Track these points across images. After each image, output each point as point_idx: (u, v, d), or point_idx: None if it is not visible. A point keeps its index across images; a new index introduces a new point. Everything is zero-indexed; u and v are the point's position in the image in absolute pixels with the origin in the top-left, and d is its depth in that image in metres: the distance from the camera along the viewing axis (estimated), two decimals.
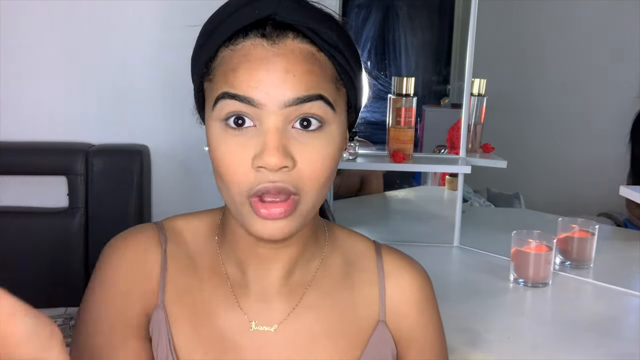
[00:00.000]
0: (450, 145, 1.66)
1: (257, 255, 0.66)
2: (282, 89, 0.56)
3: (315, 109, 0.57)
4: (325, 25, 0.59)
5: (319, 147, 0.58)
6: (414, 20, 2.06)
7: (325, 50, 0.59)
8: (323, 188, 0.60)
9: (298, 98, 0.56)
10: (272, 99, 0.56)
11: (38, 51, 1.59)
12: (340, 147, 0.61)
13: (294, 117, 0.57)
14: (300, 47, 0.58)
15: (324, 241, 0.72)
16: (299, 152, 0.57)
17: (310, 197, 0.59)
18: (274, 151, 0.55)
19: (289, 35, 0.58)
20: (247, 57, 0.57)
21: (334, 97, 0.59)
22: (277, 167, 0.55)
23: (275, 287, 0.67)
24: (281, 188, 0.56)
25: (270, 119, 0.56)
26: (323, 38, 0.58)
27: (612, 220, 1.88)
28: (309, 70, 0.57)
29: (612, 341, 1.02)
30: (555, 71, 2.18)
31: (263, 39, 0.57)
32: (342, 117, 0.62)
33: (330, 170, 0.60)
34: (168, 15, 1.56)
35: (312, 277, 0.69)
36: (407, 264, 0.73)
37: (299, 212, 0.59)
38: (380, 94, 1.86)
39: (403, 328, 0.71)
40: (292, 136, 0.57)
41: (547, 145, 2.17)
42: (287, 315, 0.67)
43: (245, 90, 0.56)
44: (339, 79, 0.61)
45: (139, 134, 1.64)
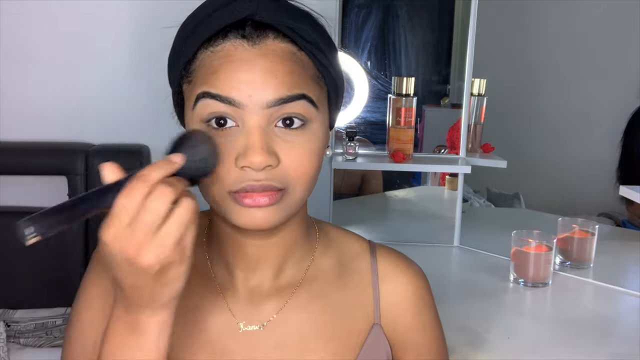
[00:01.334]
0: (450, 145, 1.66)
1: (245, 255, 0.65)
2: (265, 90, 0.56)
3: (298, 108, 0.57)
4: (304, 24, 0.59)
5: (303, 144, 0.58)
6: (414, 20, 2.06)
7: (306, 50, 0.59)
8: (310, 183, 0.60)
9: (281, 99, 0.56)
10: (255, 100, 0.55)
11: (38, 51, 1.59)
12: (323, 143, 0.61)
13: (277, 117, 0.57)
14: (281, 47, 0.57)
15: (315, 240, 0.71)
16: (283, 150, 0.57)
17: (297, 191, 0.59)
18: (259, 150, 0.55)
19: (269, 36, 0.57)
20: (228, 59, 0.56)
21: (316, 96, 0.59)
22: (262, 166, 0.55)
23: (264, 288, 0.67)
24: (266, 186, 0.56)
25: (253, 119, 0.56)
26: (303, 37, 0.58)
27: (612, 220, 1.88)
28: (291, 71, 0.57)
29: (612, 341, 1.02)
30: (555, 71, 2.18)
31: (243, 39, 0.57)
32: (324, 114, 0.62)
33: (315, 166, 0.60)
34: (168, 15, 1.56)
35: (303, 278, 0.68)
36: (402, 265, 0.72)
37: (285, 204, 0.59)
38: (380, 94, 1.86)
39: (398, 331, 0.70)
40: (275, 135, 0.57)
41: (547, 145, 2.17)
42: (275, 316, 0.67)
43: (227, 92, 0.56)
44: (321, 76, 0.61)
45: (139, 134, 1.63)
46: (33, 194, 1.60)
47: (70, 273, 1.47)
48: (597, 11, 2.11)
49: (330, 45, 0.62)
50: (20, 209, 1.56)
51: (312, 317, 0.67)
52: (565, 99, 2.18)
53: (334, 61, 0.62)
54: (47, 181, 1.59)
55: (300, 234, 0.67)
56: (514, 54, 2.12)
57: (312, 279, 0.69)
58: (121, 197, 0.47)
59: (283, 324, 0.67)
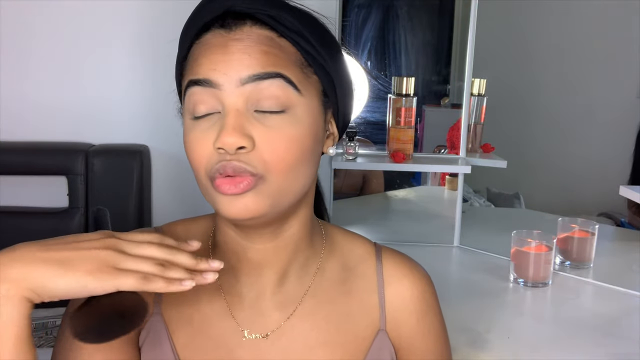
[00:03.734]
0: (450, 145, 1.66)
1: (249, 261, 0.65)
2: (238, 68, 0.56)
3: (275, 88, 0.57)
4: (285, 12, 0.59)
5: (281, 129, 0.57)
6: (414, 20, 2.06)
7: (287, 36, 0.59)
8: (291, 171, 0.58)
9: (254, 75, 0.56)
10: (229, 77, 0.56)
11: (38, 51, 1.59)
12: (311, 132, 0.59)
13: (255, 101, 0.57)
14: (257, 32, 0.58)
15: (321, 246, 0.70)
16: (260, 134, 0.56)
17: (276, 178, 0.57)
18: (231, 131, 0.55)
19: (247, 23, 0.58)
20: (207, 46, 0.58)
21: (298, 80, 0.58)
22: (234, 146, 0.55)
23: (269, 295, 0.66)
24: (237, 167, 0.56)
25: (230, 100, 0.56)
26: (283, 24, 0.59)
27: (612, 220, 1.88)
28: (266, 51, 0.57)
29: (612, 341, 1.02)
30: (555, 71, 2.18)
31: (222, 29, 0.58)
32: (312, 102, 0.60)
33: (298, 154, 0.58)
34: (168, 15, 1.56)
35: (309, 286, 0.68)
36: (407, 269, 0.71)
37: (264, 192, 0.57)
38: (380, 94, 1.86)
39: (403, 336, 0.70)
40: (254, 118, 0.57)
41: (547, 145, 2.17)
42: (281, 325, 0.66)
43: (205, 74, 0.57)
44: (307, 64, 0.60)
45: (139, 134, 1.64)
46: (33, 194, 1.60)
47: None
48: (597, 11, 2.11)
49: (320, 36, 0.61)
50: (20, 209, 1.57)
51: (317, 325, 0.67)
52: (565, 99, 2.18)
53: (326, 53, 0.61)
54: (47, 181, 1.59)
55: (303, 237, 0.66)
56: (514, 54, 2.12)
57: (317, 286, 0.68)
58: None
59: (288, 332, 0.66)
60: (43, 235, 0.54)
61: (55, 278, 0.50)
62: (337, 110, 0.65)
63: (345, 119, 0.68)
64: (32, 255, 0.50)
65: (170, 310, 0.66)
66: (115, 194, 1.55)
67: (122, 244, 0.54)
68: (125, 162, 1.56)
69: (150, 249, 0.55)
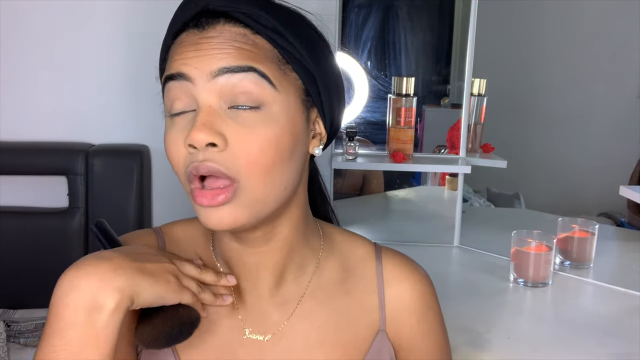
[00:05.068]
0: (450, 145, 1.66)
1: (244, 264, 0.65)
2: (209, 62, 0.56)
3: (247, 82, 0.56)
4: (261, 9, 0.58)
5: (256, 128, 0.55)
6: (414, 21, 2.06)
7: (262, 33, 0.58)
8: (269, 175, 0.56)
9: (226, 67, 0.55)
10: (200, 71, 0.56)
11: (37, 51, 1.59)
12: (289, 131, 0.58)
13: (228, 96, 0.56)
14: (230, 30, 0.57)
15: (319, 246, 0.69)
16: (233, 132, 0.55)
17: (252, 184, 0.56)
18: (200, 127, 0.54)
19: (220, 21, 0.58)
20: (181, 45, 0.58)
21: (274, 75, 0.57)
22: (203, 142, 0.54)
23: (268, 296, 0.66)
24: (211, 168, 0.55)
25: (202, 95, 0.56)
26: (258, 21, 0.58)
27: (612, 220, 1.88)
28: (238, 47, 0.56)
29: (612, 341, 1.02)
30: (555, 71, 2.18)
31: (195, 28, 0.58)
32: (290, 100, 0.58)
33: (274, 154, 0.56)
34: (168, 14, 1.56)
35: (307, 286, 0.67)
36: (407, 270, 0.71)
37: (244, 201, 0.56)
38: (380, 94, 1.85)
39: (403, 336, 0.70)
40: (227, 116, 0.56)
41: (547, 145, 2.18)
42: (281, 326, 0.66)
43: (177, 68, 0.57)
44: (285, 62, 0.59)
45: (139, 134, 1.63)
46: (33, 194, 1.60)
47: None
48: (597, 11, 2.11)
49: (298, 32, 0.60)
50: (20, 209, 1.56)
51: (317, 325, 0.67)
52: (565, 99, 2.18)
53: (307, 52, 0.60)
54: (47, 181, 1.59)
55: (298, 238, 0.66)
56: (514, 54, 2.13)
57: (316, 286, 0.68)
58: None
59: (289, 333, 0.66)
60: (43, 235, 0.55)
61: (149, 288, 0.55)
62: (322, 109, 0.63)
63: (335, 119, 0.66)
64: (130, 265, 0.54)
65: None
66: (115, 194, 1.55)
67: (176, 262, 0.61)
68: (125, 162, 1.56)
69: (191, 268, 0.62)
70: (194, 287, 0.60)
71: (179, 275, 0.58)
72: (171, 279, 0.57)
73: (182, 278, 0.59)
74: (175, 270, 0.58)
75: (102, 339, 0.52)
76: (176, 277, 0.58)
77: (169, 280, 0.57)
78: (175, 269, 0.59)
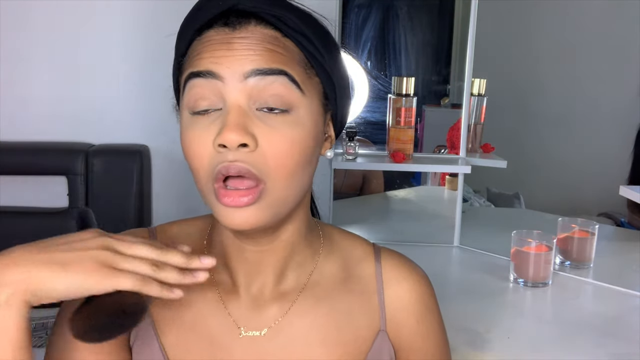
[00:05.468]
0: (450, 145, 1.66)
1: (246, 261, 0.65)
2: (242, 62, 0.56)
3: (278, 85, 0.56)
4: (289, 12, 0.58)
5: (284, 130, 0.56)
6: (414, 20, 2.06)
7: (290, 36, 0.59)
8: (293, 177, 0.58)
9: (258, 69, 0.56)
10: (232, 71, 0.55)
11: (38, 51, 1.59)
12: (312, 134, 0.59)
13: (258, 98, 0.56)
14: (262, 32, 0.58)
15: (319, 245, 0.70)
16: (262, 134, 0.56)
17: (278, 186, 0.57)
18: (233, 127, 0.54)
19: (251, 22, 0.58)
20: (210, 42, 0.57)
21: (302, 80, 0.58)
22: (236, 143, 0.54)
23: (267, 293, 0.66)
24: (241, 168, 0.55)
25: (232, 95, 0.56)
26: (287, 24, 0.58)
27: (612, 220, 1.88)
28: (270, 50, 0.57)
29: (612, 341, 1.02)
30: (555, 71, 2.18)
31: (226, 27, 0.58)
32: (314, 104, 0.60)
33: (299, 157, 0.57)
34: (168, 15, 1.56)
35: (306, 283, 0.68)
36: (407, 271, 0.71)
37: (266, 203, 0.57)
38: (380, 94, 1.86)
39: (403, 337, 0.70)
40: (256, 117, 0.56)
41: (547, 145, 2.17)
42: (277, 320, 0.66)
43: (207, 66, 0.56)
44: (310, 66, 0.60)
45: (139, 134, 1.64)
46: (33, 194, 1.60)
47: None
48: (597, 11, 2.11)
49: (322, 37, 0.61)
50: (20, 209, 1.57)
51: (317, 323, 0.67)
52: (565, 99, 2.18)
53: (327, 54, 0.61)
54: (47, 181, 1.59)
55: (300, 238, 0.67)
56: (514, 54, 2.12)
57: (315, 284, 0.68)
58: None
59: (287, 329, 0.66)
60: (43, 235, 0.54)
61: (54, 279, 0.50)
62: (335, 113, 0.65)
63: (342, 122, 0.68)
64: (30, 257, 0.50)
65: (160, 309, 0.66)
66: (115, 194, 1.55)
67: (116, 244, 0.54)
68: (125, 162, 1.56)
69: (144, 248, 0.55)
70: (142, 269, 0.53)
71: (113, 260, 0.52)
72: (96, 265, 0.51)
73: (119, 261, 0.52)
74: (106, 255, 0.52)
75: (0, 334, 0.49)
76: (107, 262, 0.52)
77: (92, 268, 0.50)
78: (107, 254, 0.52)
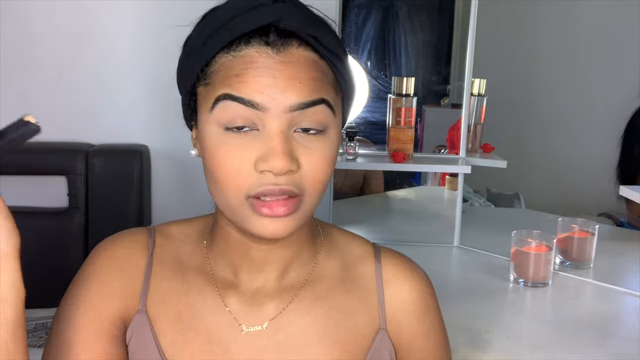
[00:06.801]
0: (450, 145, 1.66)
1: (250, 258, 0.66)
2: (288, 94, 0.56)
3: (319, 113, 0.58)
4: (326, 33, 0.59)
5: (321, 151, 0.59)
6: (414, 20, 2.06)
7: (326, 58, 0.60)
8: (323, 191, 0.61)
9: (303, 103, 0.56)
10: (277, 103, 0.56)
11: (38, 51, 1.59)
12: (337, 149, 0.62)
13: (297, 123, 0.57)
14: (304, 56, 0.58)
15: (320, 244, 0.71)
16: (303, 156, 0.58)
17: (312, 199, 0.60)
18: (281, 155, 0.55)
19: (293, 44, 0.58)
20: (253, 65, 0.56)
21: (334, 101, 0.60)
22: (284, 171, 0.55)
23: (268, 289, 0.67)
24: (286, 190, 0.57)
25: (275, 123, 0.56)
26: (326, 47, 0.59)
27: (612, 220, 1.88)
28: (313, 77, 0.57)
29: (612, 341, 1.02)
30: (555, 71, 2.18)
31: (267, 46, 0.57)
32: (339, 120, 0.62)
33: (330, 172, 0.61)
34: (167, 16, 1.56)
35: (306, 281, 0.68)
36: (407, 270, 0.72)
37: (301, 213, 0.59)
38: (380, 94, 1.86)
39: (403, 336, 0.70)
40: (295, 140, 0.57)
41: (547, 145, 2.17)
42: (278, 313, 0.67)
43: (251, 95, 0.55)
44: (338, 85, 0.62)
45: (139, 134, 1.64)
46: (33, 194, 1.60)
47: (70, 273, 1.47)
48: (597, 11, 2.11)
49: (345, 53, 0.63)
50: (20, 209, 1.57)
51: (317, 321, 0.67)
52: (565, 99, 2.18)
53: (348, 68, 0.63)
54: (47, 181, 1.59)
55: (306, 237, 0.68)
56: (514, 54, 2.12)
57: (315, 281, 0.69)
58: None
59: (286, 326, 0.66)
60: (43, 235, 0.54)
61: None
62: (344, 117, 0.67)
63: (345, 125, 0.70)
64: None
65: (156, 306, 0.66)
66: (115, 194, 1.55)
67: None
68: (125, 162, 1.56)
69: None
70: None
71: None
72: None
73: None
74: None
75: None
76: None
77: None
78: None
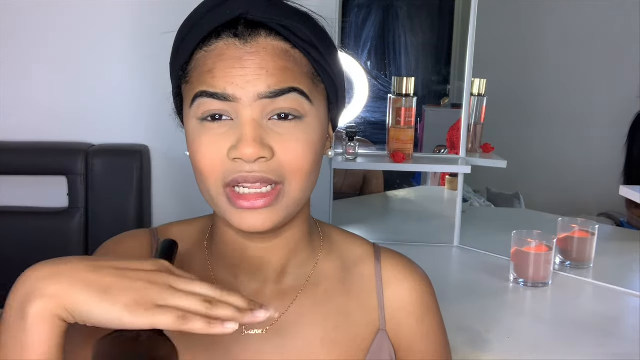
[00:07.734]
0: (450, 145, 1.66)
1: (248, 259, 0.66)
2: (256, 82, 0.56)
3: (290, 101, 0.58)
4: (298, 22, 0.59)
5: (297, 136, 0.58)
6: (414, 20, 2.06)
7: (299, 47, 0.59)
8: (308, 178, 0.60)
9: (271, 92, 0.57)
10: (247, 92, 0.56)
11: (38, 51, 1.59)
12: (319, 138, 0.61)
13: (270, 111, 0.57)
14: (273, 45, 0.58)
15: (319, 244, 0.70)
16: (277, 142, 0.57)
17: (295, 187, 0.59)
18: (251, 142, 0.55)
19: (261, 34, 0.58)
20: (221, 57, 0.57)
21: (310, 90, 0.59)
22: (253, 157, 0.56)
23: (267, 291, 0.67)
24: (259, 177, 0.57)
25: (246, 112, 0.57)
26: (296, 34, 0.59)
27: (612, 220, 1.88)
28: (283, 67, 0.57)
29: (612, 341, 1.02)
30: (555, 71, 2.18)
31: (236, 38, 0.58)
32: (320, 110, 0.62)
33: (310, 160, 0.59)
34: (168, 17, 1.56)
35: (306, 282, 0.68)
36: (407, 271, 0.71)
37: (282, 205, 0.59)
38: (380, 94, 1.86)
39: (403, 337, 0.70)
40: (269, 128, 0.58)
41: (547, 145, 2.18)
42: (277, 319, 0.66)
43: (223, 88, 0.57)
44: (316, 74, 0.61)
45: (139, 134, 1.63)
46: (33, 194, 1.60)
47: None
48: (597, 11, 2.11)
49: (326, 43, 0.62)
50: (20, 209, 1.56)
51: (316, 322, 0.67)
52: (565, 99, 2.18)
53: (331, 60, 0.62)
54: (47, 181, 1.59)
55: (303, 236, 0.67)
56: (514, 54, 2.13)
57: (315, 283, 0.68)
58: None
59: (287, 328, 0.66)
60: (43, 235, 0.54)
61: (91, 304, 0.46)
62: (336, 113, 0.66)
63: (338, 121, 0.69)
64: (76, 274, 0.48)
65: None
66: (115, 194, 1.55)
67: (172, 279, 0.49)
68: (125, 162, 1.56)
69: (202, 287, 0.50)
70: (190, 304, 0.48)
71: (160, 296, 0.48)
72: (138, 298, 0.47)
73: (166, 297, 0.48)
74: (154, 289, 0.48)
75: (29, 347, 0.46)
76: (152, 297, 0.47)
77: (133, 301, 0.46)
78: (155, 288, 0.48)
